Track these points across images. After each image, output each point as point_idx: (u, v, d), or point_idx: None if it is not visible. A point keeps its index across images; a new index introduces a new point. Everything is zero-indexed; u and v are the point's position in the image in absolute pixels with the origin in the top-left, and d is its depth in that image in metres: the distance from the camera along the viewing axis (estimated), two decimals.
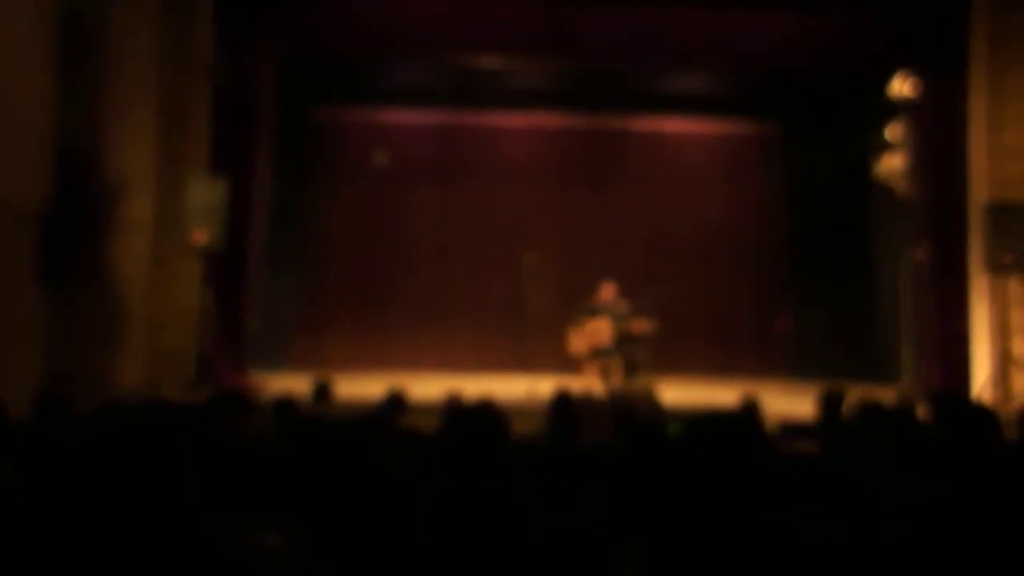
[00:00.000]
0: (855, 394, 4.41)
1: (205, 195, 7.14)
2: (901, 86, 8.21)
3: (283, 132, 9.34)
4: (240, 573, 1.51)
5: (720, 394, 7.27)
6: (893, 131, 8.83)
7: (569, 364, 8.21)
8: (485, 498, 1.82)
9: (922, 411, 4.45)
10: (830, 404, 4.28)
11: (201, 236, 7.09)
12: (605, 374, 7.98)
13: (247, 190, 7.90)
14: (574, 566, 1.70)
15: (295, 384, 6.18)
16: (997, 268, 7.24)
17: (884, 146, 9.13)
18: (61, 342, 6.62)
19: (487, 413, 2.02)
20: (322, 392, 5.10)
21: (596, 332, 8.00)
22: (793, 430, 4.58)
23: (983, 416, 3.33)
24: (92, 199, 6.97)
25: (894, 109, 8.59)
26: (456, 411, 2.04)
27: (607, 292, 8.21)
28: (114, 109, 7.03)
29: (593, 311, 8.13)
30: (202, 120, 7.58)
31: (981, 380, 7.47)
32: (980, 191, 7.61)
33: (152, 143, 7.19)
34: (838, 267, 10.19)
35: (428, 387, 6.49)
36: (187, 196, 7.12)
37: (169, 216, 7.24)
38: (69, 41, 6.73)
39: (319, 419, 2.76)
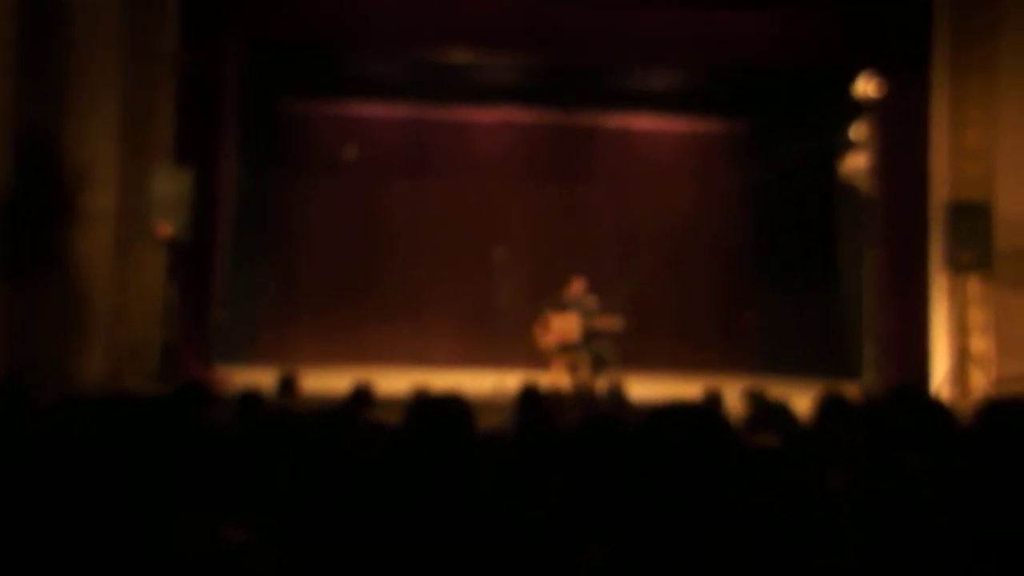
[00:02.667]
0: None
1: (170, 185, 7.05)
2: (866, 86, 8.33)
3: (251, 123, 9.24)
4: (203, 567, 1.50)
5: (686, 389, 7.33)
6: (858, 130, 8.96)
7: (538, 359, 8.23)
8: (449, 489, 1.82)
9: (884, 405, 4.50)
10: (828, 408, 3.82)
11: (166, 227, 7.00)
12: (573, 369, 8.01)
13: (214, 181, 7.80)
14: (538, 556, 1.71)
15: (262, 378, 6.12)
16: (957, 267, 7.39)
17: (849, 145, 9.26)
18: (21, 333, 6.51)
19: (453, 405, 2.03)
20: (287, 386, 5.06)
21: (564, 327, 8.02)
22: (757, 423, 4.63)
23: (939, 412, 3.40)
24: (54, 188, 6.85)
25: (859, 109, 8.72)
26: (421, 403, 2.04)
27: (576, 287, 8.25)
28: (77, 97, 6.91)
29: (562, 306, 8.15)
30: (167, 109, 7.47)
31: (939, 376, 7.62)
32: (941, 191, 7.75)
33: (116, 132, 7.07)
34: (804, 264, 10.33)
35: (396, 382, 6.46)
36: (152, 186, 7.02)
37: (133, 206, 7.13)
38: (30, 26, 6.60)
39: (284, 412, 2.75)
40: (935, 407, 3.55)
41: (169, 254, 7.30)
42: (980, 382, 7.38)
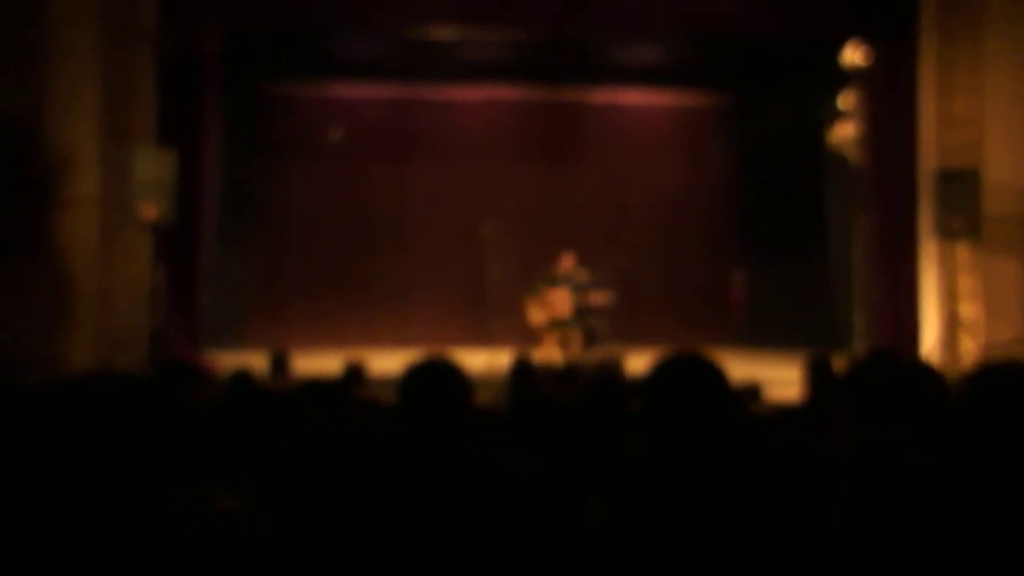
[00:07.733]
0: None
1: (154, 167, 6.95)
2: (853, 54, 8.28)
3: (235, 105, 9.13)
4: (195, 533, 1.48)
5: None
6: (846, 99, 8.92)
7: (528, 337, 8.21)
8: (445, 456, 1.79)
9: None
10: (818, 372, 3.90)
11: (151, 209, 6.91)
12: (564, 344, 8.00)
13: (197, 163, 7.71)
14: (533, 520, 1.69)
15: (252, 362, 6.07)
16: (946, 233, 7.39)
17: (837, 114, 9.22)
18: (5, 323, 6.42)
19: (447, 370, 1.99)
20: (279, 364, 5.02)
21: (555, 302, 8.00)
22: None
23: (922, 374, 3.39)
24: (35, 175, 6.75)
25: (847, 78, 8.67)
26: (416, 370, 2.00)
27: (567, 262, 8.22)
28: (56, 81, 6.80)
29: (553, 281, 8.13)
30: (148, 91, 7.35)
31: (929, 343, 7.64)
32: (929, 158, 7.74)
33: (96, 114, 6.97)
34: (793, 235, 10.31)
35: (388, 362, 6.42)
36: (135, 168, 6.91)
37: (117, 190, 7.04)
38: (6, 9, 6.47)
39: (277, 389, 2.71)
40: (918, 370, 3.53)
41: (155, 238, 7.21)
42: (969, 348, 7.41)
